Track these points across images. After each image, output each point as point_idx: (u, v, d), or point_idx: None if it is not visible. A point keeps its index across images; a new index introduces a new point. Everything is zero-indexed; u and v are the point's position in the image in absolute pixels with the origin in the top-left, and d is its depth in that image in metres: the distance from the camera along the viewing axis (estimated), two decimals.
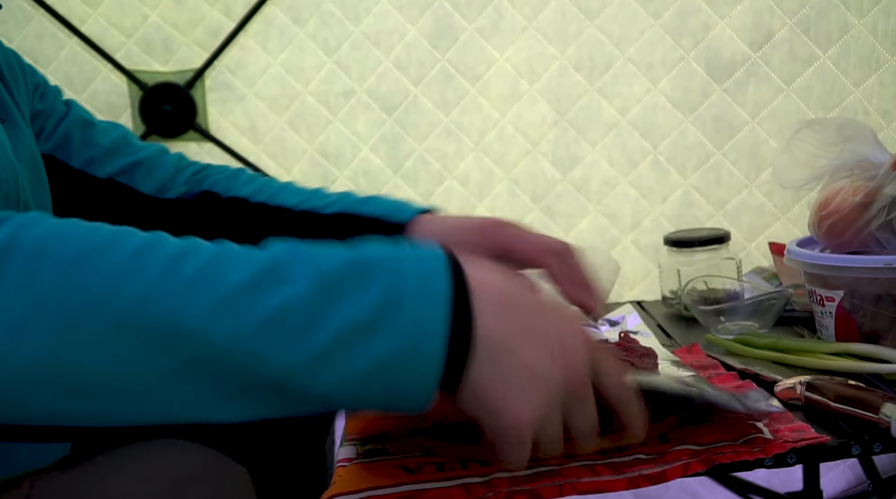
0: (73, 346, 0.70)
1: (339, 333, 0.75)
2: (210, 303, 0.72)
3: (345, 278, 0.77)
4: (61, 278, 0.70)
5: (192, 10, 2.26)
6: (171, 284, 0.72)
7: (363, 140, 2.31)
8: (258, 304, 0.73)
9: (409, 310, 0.77)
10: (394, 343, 0.76)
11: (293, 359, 0.74)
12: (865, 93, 2.17)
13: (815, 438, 1.09)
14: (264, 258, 0.77)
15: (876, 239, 1.43)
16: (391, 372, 0.77)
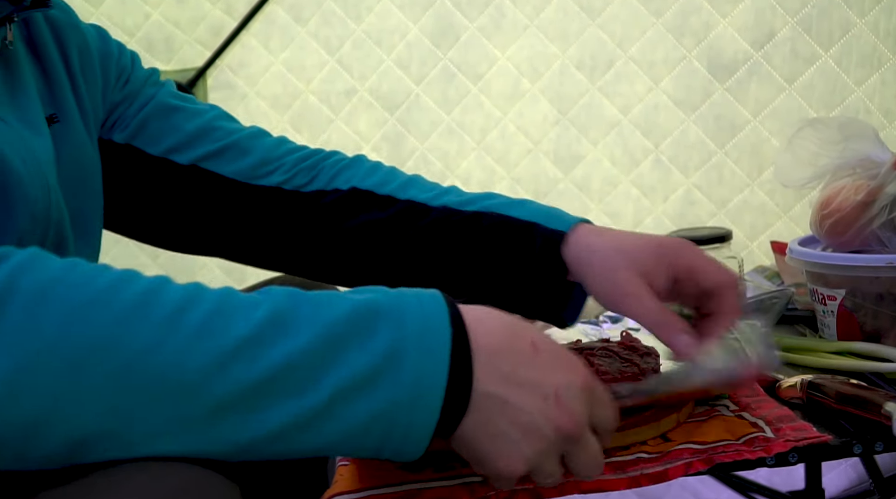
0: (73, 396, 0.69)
1: (342, 387, 0.75)
2: (213, 356, 0.72)
3: (348, 331, 0.76)
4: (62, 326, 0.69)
5: (194, 8, 2.26)
6: (174, 336, 0.72)
7: (365, 139, 2.31)
8: (261, 358, 0.73)
9: (412, 364, 0.76)
10: (394, 396, 0.76)
11: (294, 414, 0.74)
12: (867, 92, 2.16)
13: (817, 437, 1.09)
14: (268, 308, 0.75)
15: (878, 238, 1.43)
16: (388, 423, 0.77)
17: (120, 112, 1.32)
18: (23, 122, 1.09)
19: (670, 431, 1.13)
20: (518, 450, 0.82)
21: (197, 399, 0.72)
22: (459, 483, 1.01)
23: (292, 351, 0.74)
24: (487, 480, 0.90)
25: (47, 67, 1.18)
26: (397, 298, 0.80)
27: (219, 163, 1.31)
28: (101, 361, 0.69)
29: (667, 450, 1.07)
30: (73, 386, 0.69)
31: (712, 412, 1.19)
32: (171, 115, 1.33)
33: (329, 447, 0.78)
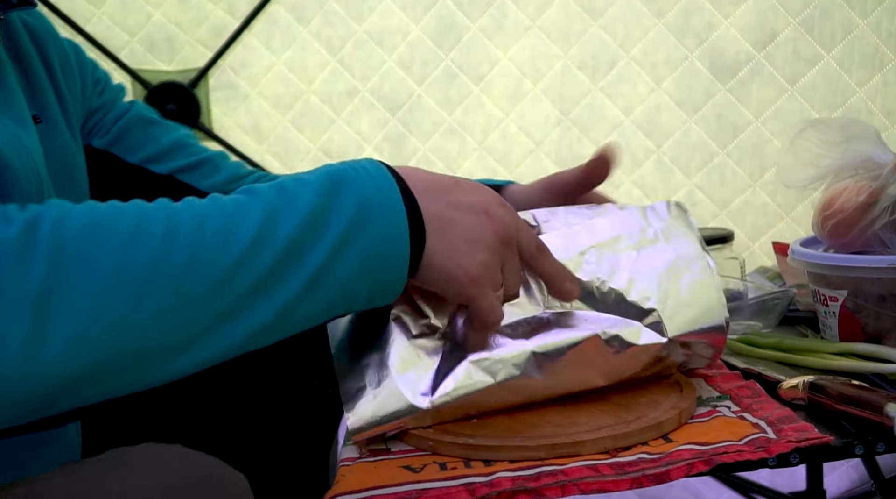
0: (142, 317, 0.79)
1: (332, 245, 0.90)
2: (237, 254, 0.84)
3: (325, 202, 0.92)
4: (115, 267, 0.79)
5: (196, 9, 2.26)
6: (203, 250, 0.83)
7: (367, 139, 2.31)
8: (271, 245, 0.86)
9: (377, 212, 0.94)
10: (372, 240, 0.93)
11: (303, 279, 0.88)
12: (869, 92, 2.17)
13: (819, 438, 1.09)
14: (262, 206, 0.89)
15: (880, 239, 1.43)
16: (373, 266, 0.93)
17: (97, 119, 1.37)
18: (12, 119, 1.11)
19: (672, 431, 1.13)
20: (472, 258, 1.00)
21: (231, 289, 0.84)
22: (461, 484, 1.01)
23: (289, 233, 0.88)
24: (471, 322, 1.08)
25: (28, 70, 1.20)
26: (349, 167, 0.97)
27: (193, 176, 1.41)
28: (155, 284, 0.80)
29: (668, 450, 1.07)
30: (141, 310, 0.79)
31: (713, 413, 1.19)
32: (149, 127, 1.41)
33: (332, 303, 0.93)
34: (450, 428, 1.14)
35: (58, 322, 0.76)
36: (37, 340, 0.75)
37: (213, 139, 2.30)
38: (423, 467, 1.07)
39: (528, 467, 1.04)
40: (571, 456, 1.07)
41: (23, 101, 1.16)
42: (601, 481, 1.02)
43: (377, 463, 1.10)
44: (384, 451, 1.14)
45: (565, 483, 1.01)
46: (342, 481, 1.05)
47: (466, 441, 1.10)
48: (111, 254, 0.79)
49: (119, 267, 0.79)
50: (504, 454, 1.07)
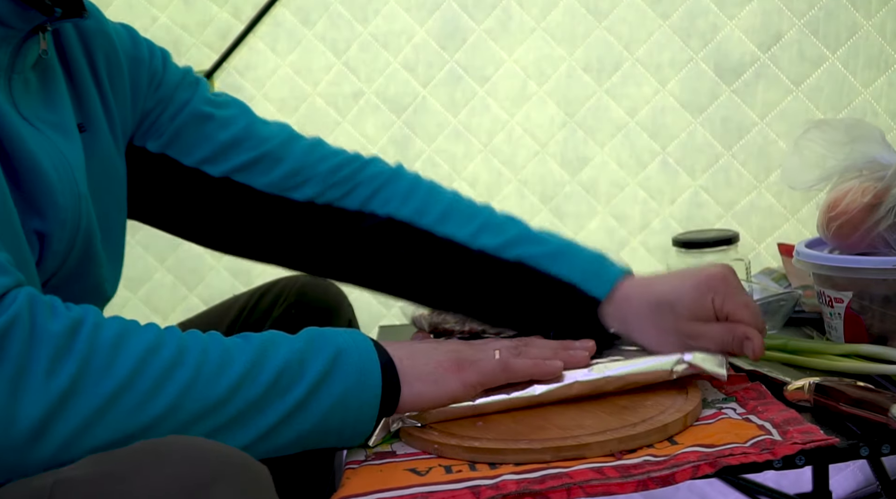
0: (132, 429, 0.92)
1: (309, 385, 1.02)
2: (230, 383, 0.98)
3: (307, 348, 1.04)
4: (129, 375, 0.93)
5: (201, 11, 2.27)
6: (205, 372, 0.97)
7: (372, 141, 2.32)
8: (259, 379, 1.00)
9: (353, 360, 1.06)
10: (345, 383, 1.04)
11: (282, 411, 1.00)
12: (874, 94, 2.16)
13: (824, 439, 1.09)
14: (254, 347, 1.02)
15: (884, 240, 1.43)
16: (345, 407, 1.04)
17: (153, 118, 1.32)
18: (57, 130, 1.11)
19: (677, 434, 1.13)
20: (456, 379, 1.13)
21: (224, 412, 0.97)
22: (466, 486, 1.02)
23: (278, 368, 1.01)
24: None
25: (75, 77, 1.19)
26: (329, 329, 1.10)
27: (251, 175, 1.34)
28: (156, 399, 0.93)
29: (673, 453, 1.07)
30: (136, 420, 0.93)
31: (719, 415, 1.19)
32: (204, 124, 1.34)
33: (305, 436, 1.03)
34: (455, 431, 1.14)
35: (73, 412, 0.89)
36: (53, 420, 0.88)
37: None
38: (429, 470, 1.07)
39: (533, 469, 1.04)
40: (576, 459, 1.07)
41: (70, 111, 1.15)
42: (606, 484, 1.02)
43: (383, 466, 1.10)
44: (389, 454, 1.14)
45: (570, 486, 1.01)
46: (347, 484, 1.05)
47: (471, 444, 1.10)
48: (129, 361, 0.93)
49: (133, 373, 0.92)
50: (509, 457, 1.08)
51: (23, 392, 0.87)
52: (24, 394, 0.87)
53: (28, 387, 0.87)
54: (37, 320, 0.90)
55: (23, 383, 0.87)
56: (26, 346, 0.88)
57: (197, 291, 2.39)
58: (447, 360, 1.14)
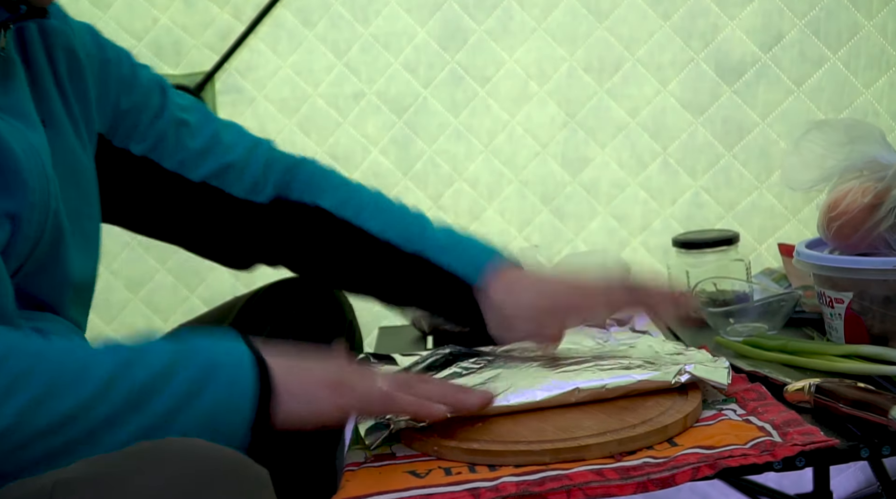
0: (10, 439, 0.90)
1: (174, 401, 0.98)
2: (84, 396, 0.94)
3: (176, 360, 1.00)
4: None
5: (202, 12, 2.27)
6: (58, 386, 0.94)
7: (373, 142, 2.32)
8: (113, 394, 0.95)
9: (224, 373, 1.01)
10: (214, 399, 1.00)
11: (150, 420, 0.96)
12: (875, 94, 2.16)
13: (825, 441, 1.09)
14: (117, 356, 0.99)
15: (885, 241, 1.43)
16: (213, 426, 0.99)
17: (133, 121, 1.35)
18: (20, 119, 1.11)
19: (677, 435, 1.13)
20: (331, 402, 1.08)
21: (74, 427, 0.93)
22: (466, 489, 1.02)
23: (138, 384, 0.97)
24: None
25: (35, 75, 1.20)
26: (206, 339, 1.06)
27: (224, 181, 1.41)
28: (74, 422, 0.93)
29: (673, 454, 1.07)
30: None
31: (719, 416, 1.19)
32: (181, 129, 1.39)
33: None
34: (454, 433, 1.14)
35: None
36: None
37: None
38: (428, 473, 1.07)
39: (532, 471, 1.05)
40: (576, 460, 1.07)
41: (31, 105, 1.16)
42: (606, 486, 1.02)
43: (382, 468, 1.10)
44: (389, 456, 1.14)
45: (570, 488, 1.01)
46: (347, 486, 1.05)
47: (471, 446, 1.10)
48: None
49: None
50: (509, 459, 1.08)
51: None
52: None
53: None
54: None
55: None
56: None
57: (198, 292, 2.39)
58: (326, 380, 1.09)
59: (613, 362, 1.30)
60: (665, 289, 1.37)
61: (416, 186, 2.32)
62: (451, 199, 2.33)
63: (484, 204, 2.33)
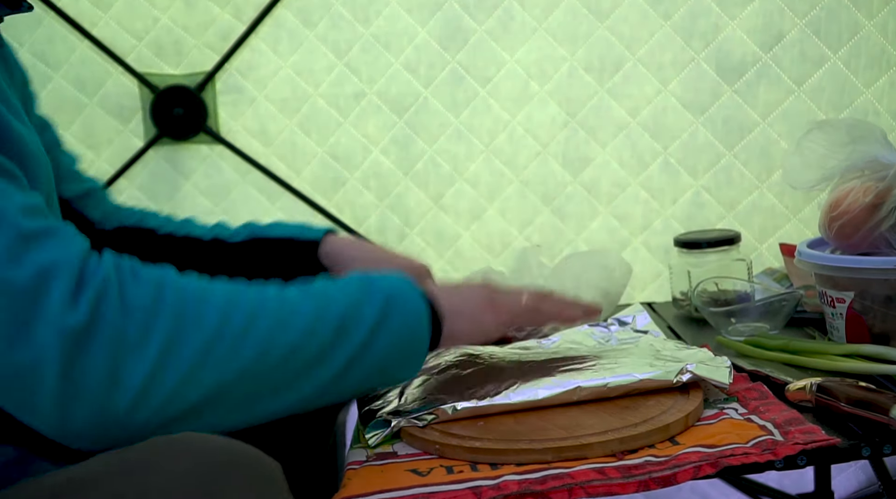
0: (236, 366, 0.97)
1: (370, 327, 1.07)
2: (306, 324, 1.03)
3: (363, 293, 1.10)
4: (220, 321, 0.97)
5: (203, 12, 2.27)
6: (283, 318, 1.02)
7: (373, 142, 2.31)
8: (328, 319, 1.05)
9: (403, 301, 1.13)
10: (400, 322, 1.11)
11: (353, 349, 1.05)
12: (876, 93, 2.16)
13: (826, 440, 1.09)
14: (315, 301, 1.07)
15: (886, 240, 1.43)
16: (402, 345, 1.11)
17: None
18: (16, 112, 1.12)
19: (679, 434, 1.13)
20: (491, 318, 1.24)
21: (303, 354, 1.02)
22: (468, 487, 1.02)
23: (341, 312, 1.06)
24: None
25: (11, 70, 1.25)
26: (375, 275, 1.16)
27: (84, 205, 1.46)
28: (244, 343, 0.98)
29: (675, 453, 1.07)
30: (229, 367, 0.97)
31: (720, 415, 1.19)
32: (55, 148, 1.43)
33: (371, 375, 1.10)
34: (456, 431, 1.14)
35: (172, 369, 0.92)
36: (154, 380, 0.90)
37: (220, 143, 2.30)
38: (430, 471, 1.07)
39: (534, 470, 1.05)
40: (578, 459, 1.07)
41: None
42: (608, 484, 1.02)
43: (384, 466, 1.10)
44: (391, 454, 1.14)
45: (572, 486, 1.01)
46: (349, 485, 1.05)
47: (473, 445, 1.10)
48: (215, 315, 0.97)
49: (220, 326, 0.96)
50: (510, 457, 1.08)
51: (122, 356, 0.90)
52: (124, 359, 0.90)
53: (126, 352, 0.90)
54: (125, 285, 0.93)
55: (121, 348, 0.90)
56: (119, 312, 0.91)
57: None
58: (483, 299, 1.25)
59: (615, 361, 1.30)
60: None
61: (417, 186, 2.32)
62: (451, 199, 2.33)
63: (485, 204, 2.33)
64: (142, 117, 2.30)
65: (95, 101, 2.28)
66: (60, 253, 0.91)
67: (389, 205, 2.34)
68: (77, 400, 0.88)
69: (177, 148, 2.33)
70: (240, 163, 2.32)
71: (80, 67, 2.27)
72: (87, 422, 0.88)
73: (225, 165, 2.34)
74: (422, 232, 2.34)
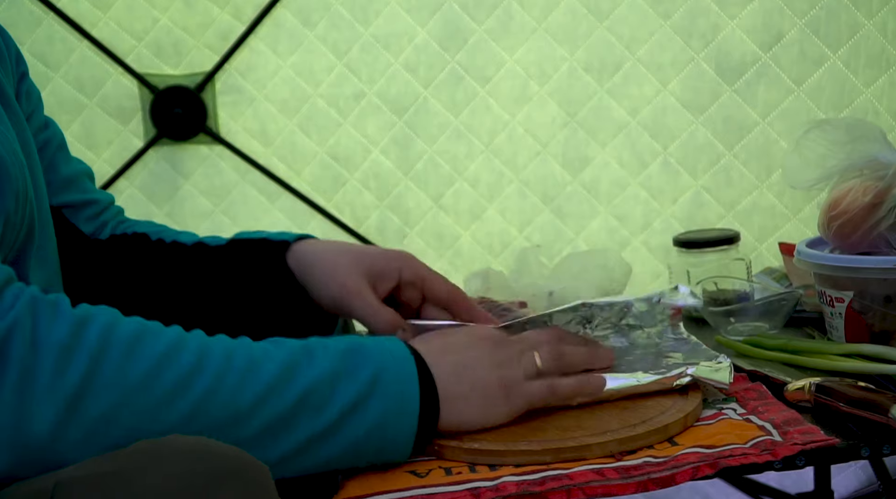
0: (152, 431, 0.88)
1: (347, 404, 0.99)
2: (257, 393, 0.95)
3: (344, 367, 1.01)
4: (152, 370, 0.91)
5: (202, 12, 2.27)
6: (227, 382, 0.95)
7: (373, 142, 2.32)
8: (289, 391, 0.97)
9: (392, 382, 1.03)
10: (384, 406, 1.02)
11: (315, 429, 0.98)
12: (876, 93, 2.16)
13: (825, 440, 1.09)
14: (285, 355, 1.00)
15: (886, 240, 1.43)
16: (384, 428, 1.02)
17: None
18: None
19: (677, 434, 1.13)
20: (500, 408, 1.13)
21: (248, 425, 0.95)
22: (466, 489, 1.02)
23: (308, 384, 0.98)
24: None
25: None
26: (370, 340, 1.08)
27: (77, 215, 1.42)
28: (178, 399, 0.92)
29: (674, 454, 1.07)
30: (153, 424, 0.90)
31: (719, 415, 1.19)
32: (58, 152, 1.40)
33: (340, 456, 1.02)
34: (455, 433, 1.14)
35: (82, 416, 0.87)
36: (63, 427, 0.87)
37: (220, 143, 2.30)
38: (429, 472, 1.07)
39: (533, 471, 1.05)
40: (577, 460, 1.07)
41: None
42: (606, 486, 1.02)
43: (383, 468, 1.10)
44: None
45: (570, 488, 1.01)
46: (347, 486, 1.05)
47: (471, 446, 1.10)
48: (147, 362, 0.91)
49: (150, 376, 0.91)
50: (509, 459, 1.08)
51: (30, 397, 0.86)
52: (32, 398, 0.86)
53: (35, 391, 0.86)
54: (39, 322, 0.89)
55: (29, 387, 0.86)
56: (29, 349, 0.87)
57: None
58: (495, 382, 1.12)
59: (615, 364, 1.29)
60: None
61: (417, 186, 2.32)
62: (451, 199, 2.33)
63: (484, 204, 2.33)
64: (141, 118, 2.30)
65: (95, 102, 2.29)
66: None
67: (389, 205, 2.34)
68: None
69: (176, 148, 2.33)
70: (239, 163, 2.32)
71: (79, 68, 2.27)
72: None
73: (225, 166, 2.34)
74: (422, 232, 2.35)
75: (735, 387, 1.28)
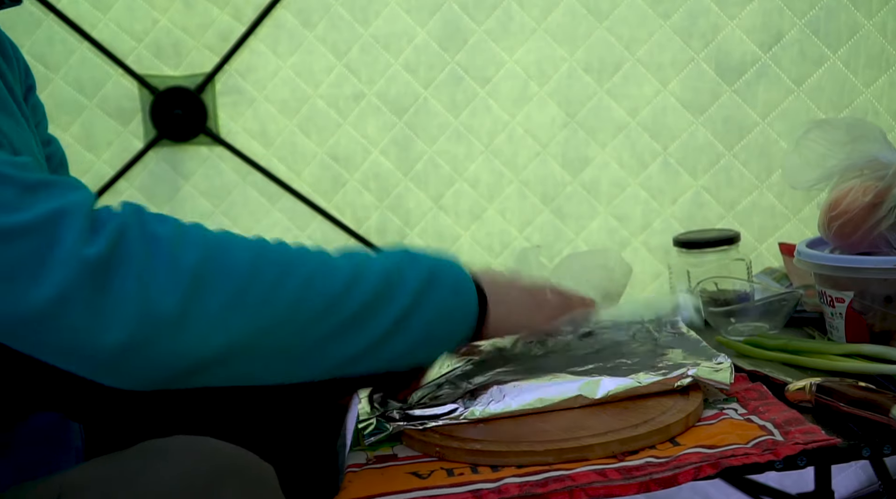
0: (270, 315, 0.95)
1: (413, 292, 1.06)
2: (343, 281, 1.01)
3: (402, 262, 1.09)
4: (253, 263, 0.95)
5: (202, 14, 2.27)
6: (320, 272, 1.01)
7: (373, 143, 2.32)
8: (365, 283, 1.03)
9: (447, 272, 1.12)
10: (444, 292, 1.09)
11: (391, 319, 1.04)
12: (875, 93, 2.16)
13: (826, 440, 1.09)
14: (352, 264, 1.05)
15: (886, 240, 1.43)
16: (448, 315, 1.11)
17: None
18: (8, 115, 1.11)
19: (679, 435, 1.13)
20: (516, 326, 1.25)
21: (342, 309, 1.00)
22: (468, 490, 1.02)
23: (378, 279, 1.04)
24: None
25: None
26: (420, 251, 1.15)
27: None
28: (279, 294, 0.96)
29: (675, 454, 1.07)
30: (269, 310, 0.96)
31: (720, 416, 1.19)
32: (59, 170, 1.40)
33: (414, 346, 1.08)
34: (457, 434, 1.14)
35: (202, 307, 0.90)
36: (187, 308, 0.89)
37: (220, 144, 2.30)
38: (431, 474, 1.07)
39: (535, 472, 1.05)
40: (579, 460, 1.07)
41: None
42: (608, 486, 1.02)
43: (384, 469, 1.10)
44: (391, 457, 1.14)
45: (573, 488, 1.01)
46: (349, 488, 1.05)
47: (473, 447, 1.10)
48: (247, 259, 0.95)
49: (252, 270, 0.94)
50: (511, 460, 1.08)
51: (151, 285, 0.87)
52: (154, 286, 0.87)
53: (155, 280, 0.87)
54: (147, 222, 0.91)
55: (149, 276, 0.87)
56: (142, 242, 0.89)
57: None
58: (527, 298, 1.25)
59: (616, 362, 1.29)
60: None
61: (417, 187, 2.32)
62: (451, 199, 2.33)
63: (484, 204, 2.33)
64: (141, 119, 2.30)
65: (95, 103, 2.28)
66: (69, 198, 0.88)
67: (389, 205, 2.34)
68: (108, 331, 0.85)
69: (176, 149, 2.33)
70: (240, 164, 2.32)
71: (79, 69, 2.27)
72: (124, 345, 0.86)
73: (225, 167, 2.34)
74: (422, 232, 2.34)
75: (736, 387, 1.28)
